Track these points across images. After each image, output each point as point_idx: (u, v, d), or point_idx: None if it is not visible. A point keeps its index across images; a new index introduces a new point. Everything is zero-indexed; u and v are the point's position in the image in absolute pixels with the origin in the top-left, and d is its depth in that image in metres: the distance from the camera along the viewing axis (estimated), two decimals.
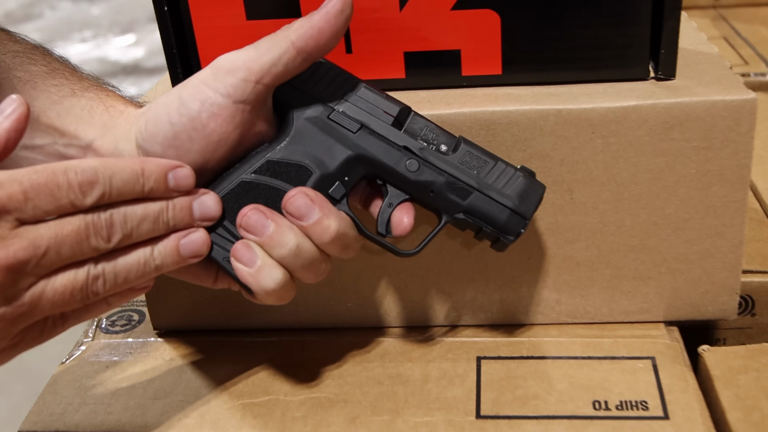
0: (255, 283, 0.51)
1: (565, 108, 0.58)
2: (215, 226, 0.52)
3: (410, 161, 0.54)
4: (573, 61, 0.61)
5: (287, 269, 0.52)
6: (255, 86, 0.50)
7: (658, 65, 0.60)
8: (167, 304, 0.69)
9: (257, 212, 0.51)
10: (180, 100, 0.50)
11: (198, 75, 0.51)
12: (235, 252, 0.51)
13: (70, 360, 0.68)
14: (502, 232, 0.54)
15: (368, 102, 0.54)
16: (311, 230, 0.51)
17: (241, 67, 0.50)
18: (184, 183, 0.50)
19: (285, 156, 0.53)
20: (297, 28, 0.50)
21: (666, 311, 0.64)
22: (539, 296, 0.65)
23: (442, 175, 0.54)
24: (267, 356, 0.66)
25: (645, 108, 0.58)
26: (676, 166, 0.59)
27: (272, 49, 0.50)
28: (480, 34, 0.60)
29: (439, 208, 0.55)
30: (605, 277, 0.64)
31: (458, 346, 0.64)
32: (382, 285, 0.66)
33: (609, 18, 0.59)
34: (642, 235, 0.62)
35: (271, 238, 0.51)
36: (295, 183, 0.53)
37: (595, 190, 0.60)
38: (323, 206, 0.52)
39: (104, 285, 0.47)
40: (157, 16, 0.62)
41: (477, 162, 0.54)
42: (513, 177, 0.55)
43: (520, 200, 0.54)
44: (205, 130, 0.50)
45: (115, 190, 0.47)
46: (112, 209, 0.47)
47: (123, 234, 0.47)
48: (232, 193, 0.53)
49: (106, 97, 0.55)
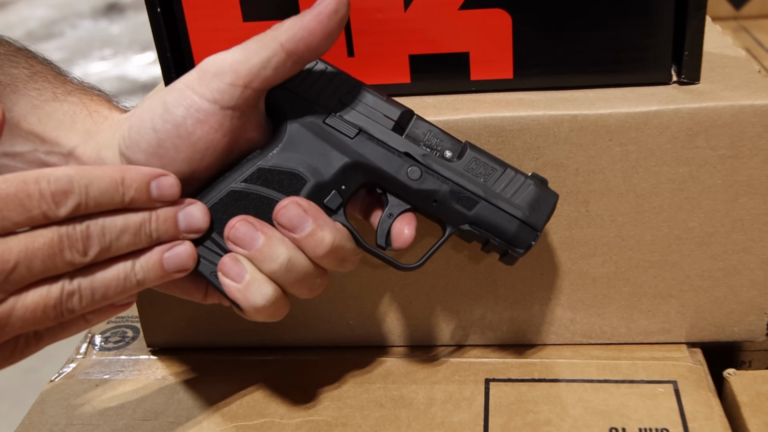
0: (244, 299, 0.48)
1: (581, 114, 0.55)
2: (203, 239, 0.49)
3: (412, 168, 0.50)
4: (589, 64, 0.57)
5: (279, 284, 0.48)
6: (243, 91, 0.47)
7: (682, 68, 0.57)
8: (161, 320, 0.66)
9: (246, 224, 0.48)
10: (164, 105, 0.47)
11: (184, 78, 0.48)
12: (222, 266, 0.48)
13: (59, 377, 0.65)
14: (510, 244, 0.51)
15: (367, 105, 0.51)
16: (304, 243, 0.48)
17: (228, 71, 0.47)
18: (168, 192, 0.47)
19: (277, 163, 0.50)
20: (287, 29, 0.47)
21: (688, 332, 0.61)
22: (552, 315, 0.61)
23: (446, 183, 0.50)
24: (263, 376, 0.62)
25: (667, 113, 0.54)
26: (700, 176, 0.55)
27: (261, 51, 0.47)
28: (490, 36, 0.57)
29: (443, 219, 0.51)
30: (623, 295, 0.60)
31: (465, 367, 0.61)
32: (386, 301, 0.63)
33: (629, 17, 0.55)
34: (663, 250, 0.58)
35: (260, 251, 0.48)
36: (288, 192, 0.49)
37: (612, 202, 0.57)
38: (317, 217, 0.48)
39: (80, 302, 0.44)
40: (150, 18, 0.60)
41: (484, 169, 0.51)
42: (523, 185, 0.51)
43: (531, 210, 0.51)
44: (190, 138, 0.47)
45: (92, 200, 0.44)
46: (89, 220, 0.44)
47: (101, 247, 0.44)
48: (221, 203, 0.49)
49: (90, 102, 0.52)
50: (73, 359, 0.68)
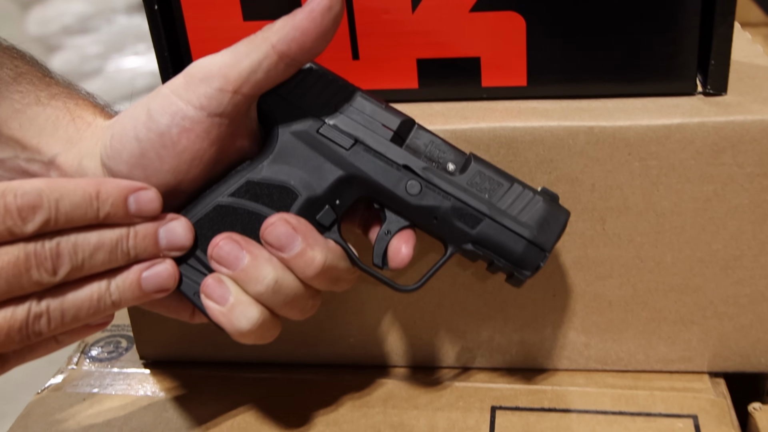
0: (228, 323, 0.45)
1: (598, 125, 0.51)
2: (186, 256, 0.46)
3: (411, 183, 0.47)
4: (608, 72, 0.54)
5: (266, 306, 0.45)
6: (233, 96, 0.44)
7: (707, 78, 0.53)
8: (154, 332, 0.64)
9: (231, 242, 0.45)
10: (148, 112, 0.44)
11: (170, 83, 0.45)
12: (204, 287, 0.45)
13: (46, 390, 0.63)
14: (517, 266, 0.47)
15: (364, 114, 0.47)
16: (293, 263, 0.45)
17: (216, 75, 0.44)
18: (147, 207, 0.44)
19: (267, 176, 0.46)
20: (278, 29, 0.44)
21: (711, 361, 0.57)
22: (565, 339, 0.58)
23: (448, 198, 0.47)
24: (257, 394, 0.59)
25: (691, 127, 0.50)
26: (726, 195, 0.52)
27: (251, 53, 0.44)
28: (502, 40, 0.54)
29: (445, 238, 0.48)
30: (641, 320, 0.56)
31: (471, 392, 0.57)
32: (389, 319, 0.59)
33: (651, 23, 0.52)
34: (685, 273, 0.54)
35: (245, 272, 0.45)
36: (278, 207, 0.46)
37: (631, 221, 0.53)
38: (307, 235, 0.45)
39: (48, 324, 0.42)
40: (148, 16, 0.57)
41: (489, 184, 0.47)
42: (531, 201, 0.47)
43: (540, 229, 0.47)
44: (176, 148, 0.44)
45: (63, 216, 0.41)
46: (60, 237, 0.41)
47: (72, 266, 0.41)
48: (206, 218, 0.46)
49: (75, 107, 0.49)
50: (63, 370, 0.65)
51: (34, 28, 2.26)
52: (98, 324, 0.45)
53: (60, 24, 2.31)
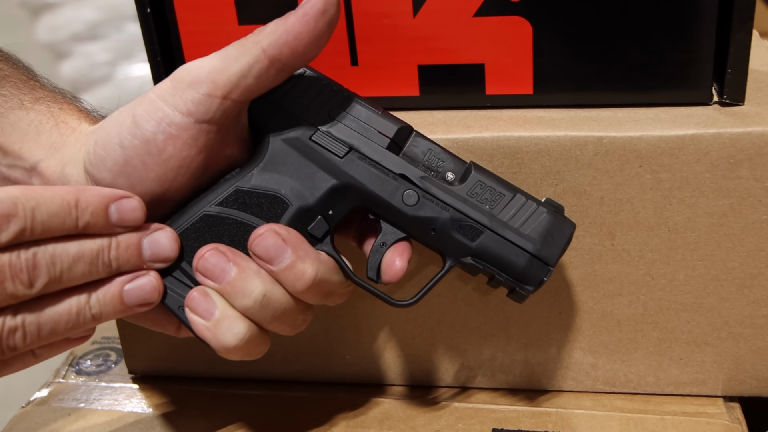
0: (213, 338, 0.42)
1: (608, 136, 0.49)
2: (171, 268, 0.44)
3: (408, 192, 0.44)
4: (619, 80, 0.51)
5: (254, 321, 0.43)
6: (221, 102, 0.42)
7: (724, 87, 0.50)
8: (143, 346, 0.61)
9: (217, 254, 0.43)
10: (133, 118, 0.42)
11: (156, 88, 0.43)
12: (189, 301, 0.43)
13: (30, 404, 0.60)
14: (519, 281, 0.45)
15: (359, 120, 0.45)
16: (282, 276, 0.43)
17: (205, 80, 0.41)
18: (129, 217, 0.42)
19: (257, 185, 0.44)
20: (269, 33, 0.41)
21: (726, 384, 0.54)
22: (571, 359, 0.55)
23: (447, 209, 0.44)
24: (248, 412, 0.57)
25: (706, 138, 0.48)
26: (742, 210, 0.49)
27: (241, 57, 0.41)
28: (508, 46, 0.51)
29: (443, 250, 0.45)
30: (652, 340, 0.54)
31: (471, 413, 0.55)
32: (386, 335, 0.57)
33: (665, 28, 0.49)
34: (698, 291, 0.52)
35: (231, 285, 0.42)
36: (268, 217, 0.44)
37: (641, 236, 0.51)
38: (298, 247, 0.43)
39: (24, 339, 0.40)
40: (140, 19, 0.55)
41: (490, 194, 0.45)
42: (535, 213, 0.45)
43: (543, 242, 0.45)
44: (161, 155, 0.42)
45: (39, 225, 0.39)
46: (37, 248, 0.39)
47: (50, 278, 0.39)
48: (193, 228, 0.44)
49: (59, 111, 0.47)
50: (49, 383, 0.63)
51: (44, 35, 2.26)
52: (79, 338, 0.43)
53: (69, 31, 2.31)
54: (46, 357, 0.43)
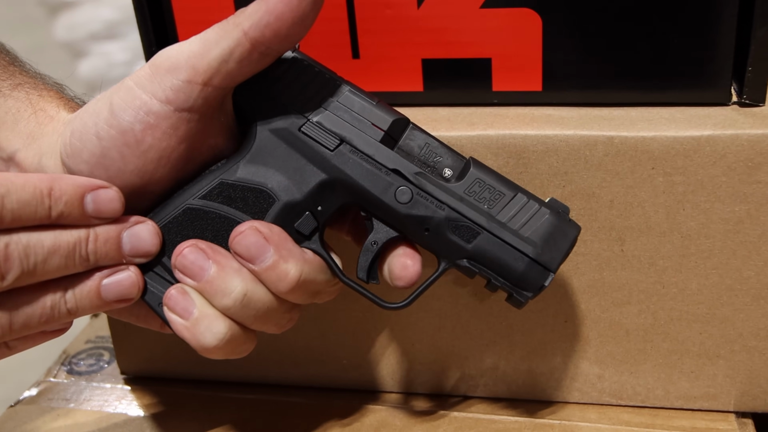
0: (192, 337, 0.41)
1: (619, 135, 0.47)
2: (152, 264, 0.42)
3: (401, 189, 0.42)
4: (632, 78, 0.49)
5: (235, 321, 0.41)
6: (202, 89, 0.40)
7: (743, 87, 0.48)
8: (135, 347, 0.60)
9: (196, 250, 0.41)
10: (110, 107, 0.40)
11: (134, 75, 0.41)
12: (167, 299, 0.41)
13: (19, 403, 0.59)
14: (516, 286, 0.43)
15: (352, 111, 0.43)
16: (264, 276, 0.41)
17: (184, 66, 0.39)
18: (106, 208, 0.40)
19: (243, 177, 0.42)
20: (250, 14, 0.39)
21: (738, 399, 0.52)
22: (576, 369, 0.53)
23: (442, 208, 0.42)
24: (241, 417, 0.55)
25: (723, 140, 0.46)
26: (760, 217, 0.47)
27: (221, 41, 0.39)
28: (516, 40, 0.50)
29: (437, 251, 0.43)
30: (662, 352, 0.51)
31: (471, 423, 0.52)
32: (385, 341, 0.55)
33: (682, 24, 0.47)
34: (711, 302, 0.49)
35: (211, 283, 0.41)
36: (253, 212, 0.42)
37: (652, 242, 0.49)
38: (281, 246, 0.41)
39: None
40: (137, 14, 0.54)
41: (489, 193, 0.43)
42: (537, 215, 0.43)
43: (544, 246, 0.42)
44: (140, 146, 0.40)
45: (9, 214, 0.37)
46: (9, 237, 0.37)
47: (22, 270, 0.38)
48: (175, 222, 0.42)
49: (38, 99, 0.45)
50: (40, 382, 0.62)
51: (62, 34, 2.27)
52: (55, 330, 0.42)
53: (88, 30, 2.31)
54: (21, 349, 0.41)
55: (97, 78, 2.17)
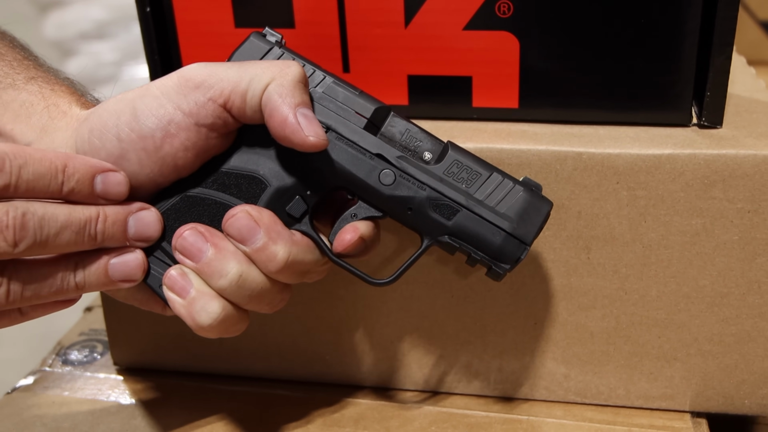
0: (188, 316, 0.43)
1: (587, 151, 0.50)
2: (153, 248, 0.45)
3: (384, 172, 0.46)
4: (601, 99, 0.53)
5: (230, 301, 0.44)
6: (224, 112, 0.43)
7: (702, 110, 0.52)
8: (129, 339, 0.62)
9: (195, 233, 0.44)
10: (133, 111, 0.43)
11: (160, 84, 0.44)
12: (166, 279, 0.44)
13: (16, 391, 0.62)
14: (495, 259, 0.46)
15: (337, 101, 0.46)
16: (255, 257, 0.44)
17: (215, 87, 0.43)
18: (114, 190, 0.43)
19: (237, 165, 0.45)
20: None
21: (693, 400, 0.55)
22: (544, 368, 0.56)
23: (423, 189, 0.46)
24: (228, 407, 0.58)
25: (682, 158, 0.49)
26: (714, 230, 0.50)
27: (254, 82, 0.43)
28: (495, 60, 0.53)
29: (420, 229, 0.46)
30: (623, 354, 0.54)
31: (445, 417, 0.56)
32: (366, 338, 0.58)
33: (647, 51, 0.51)
34: (670, 308, 0.53)
35: (208, 264, 0.43)
36: (247, 198, 0.45)
37: (616, 251, 0.52)
38: (270, 228, 0.44)
39: (7, 296, 0.40)
40: (140, 18, 0.57)
41: (467, 173, 0.46)
42: (511, 192, 0.46)
43: (519, 220, 0.45)
44: (158, 152, 0.43)
45: (24, 183, 0.40)
46: (26, 208, 0.40)
47: (35, 240, 0.40)
48: (174, 209, 0.45)
49: (51, 93, 0.47)
50: (35, 371, 0.64)
51: (52, 32, 2.27)
52: (66, 300, 0.44)
53: (77, 29, 2.31)
54: (33, 316, 0.44)
55: (86, 77, 2.18)
